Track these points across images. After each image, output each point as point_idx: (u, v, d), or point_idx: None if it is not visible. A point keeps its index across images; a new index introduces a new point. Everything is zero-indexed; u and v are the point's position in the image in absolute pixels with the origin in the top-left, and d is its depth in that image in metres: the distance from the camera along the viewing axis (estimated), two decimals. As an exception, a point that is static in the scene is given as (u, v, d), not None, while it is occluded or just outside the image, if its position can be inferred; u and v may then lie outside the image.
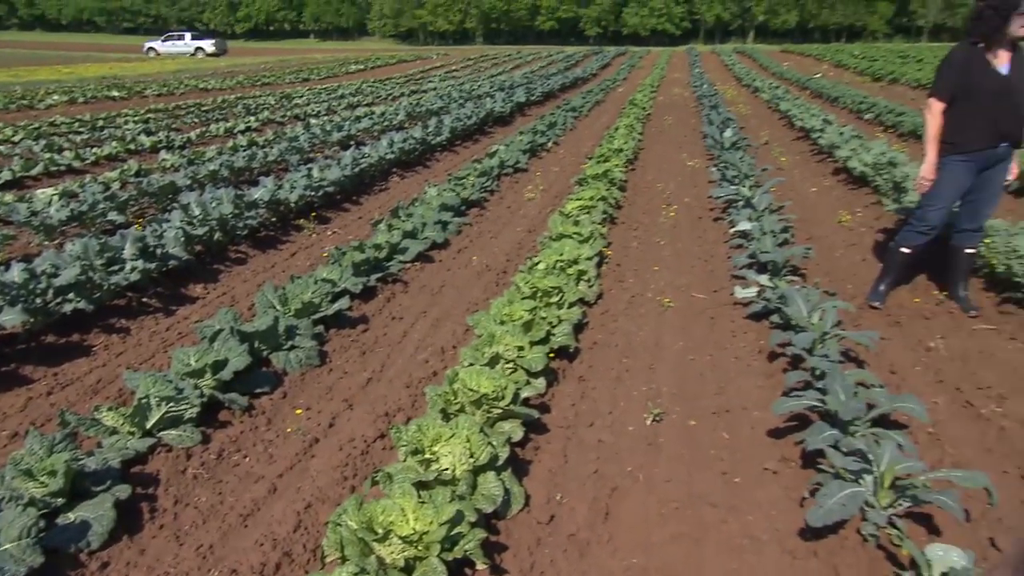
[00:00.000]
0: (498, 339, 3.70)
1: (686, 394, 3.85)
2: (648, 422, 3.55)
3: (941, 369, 4.05)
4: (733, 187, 7.48)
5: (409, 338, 4.58)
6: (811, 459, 3.07)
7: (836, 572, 2.52)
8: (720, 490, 3.02)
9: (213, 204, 6.20)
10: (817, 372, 3.49)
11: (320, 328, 4.37)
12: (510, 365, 3.60)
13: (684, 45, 65.87)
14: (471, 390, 3.05)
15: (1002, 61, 4.34)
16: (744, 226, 6.19)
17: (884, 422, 3.24)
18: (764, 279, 4.92)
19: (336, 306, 4.55)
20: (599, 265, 5.77)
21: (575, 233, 5.88)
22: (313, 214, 7.27)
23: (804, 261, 5.61)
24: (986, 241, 5.04)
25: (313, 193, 7.37)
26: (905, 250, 4.79)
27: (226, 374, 3.53)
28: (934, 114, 4.48)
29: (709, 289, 5.45)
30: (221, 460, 3.21)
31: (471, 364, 3.45)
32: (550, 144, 12.22)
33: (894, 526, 2.61)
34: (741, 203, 6.96)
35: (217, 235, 5.96)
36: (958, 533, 2.67)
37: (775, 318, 4.46)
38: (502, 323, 3.98)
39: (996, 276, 5.02)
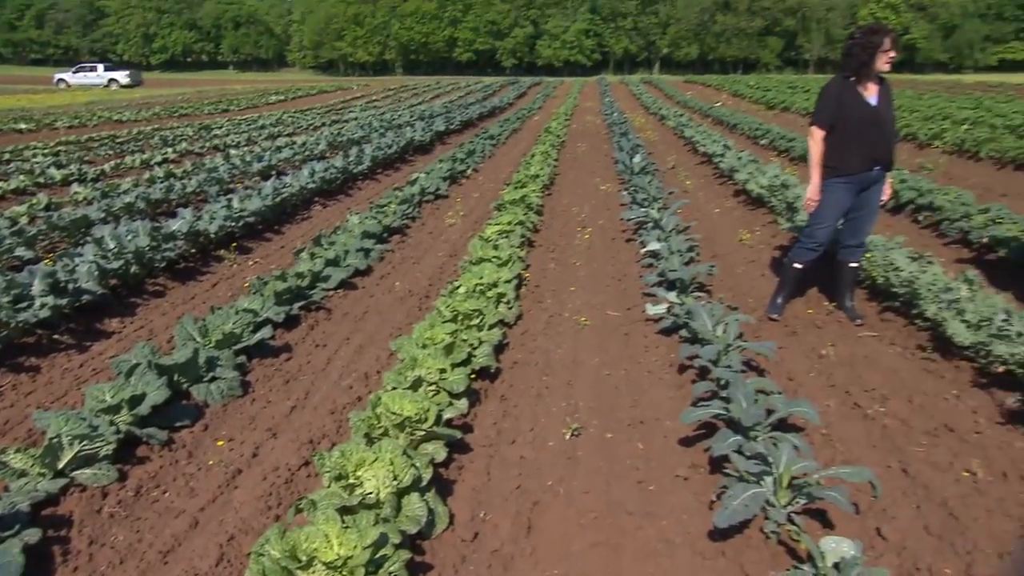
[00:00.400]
0: (420, 362, 3.71)
1: (603, 408, 3.94)
2: (567, 437, 3.61)
3: (832, 374, 4.26)
4: (643, 210, 7.70)
5: (333, 365, 4.52)
6: (718, 464, 3.19)
7: (742, 569, 2.62)
8: (636, 498, 3.10)
9: (128, 237, 5.99)
10: (722, 382, 3.62)
11: (242, 358, 4.27)
12: (433, 387, 3.60)
13: (595, 76, 67.49)
14: (394, 413, 3.04)
15: (871, 93, 4.65)
16: (654, 246, 6.38)
17: (783, 426, 3.39)
18: (673, 296, 5.08)
19: (258, 336, 4.45)
20: (518, 287, 5.83)
21: (494, 257, 5.94)
22: (234, 244, 7.10)
23: (709, 278, 5.81)
24: (867, 255, 5.34)
25: (234, 224, 7.21)
26: (797, 265, 5.04)
27: (144, 409, 3.40)
28: (816, 141, 4.75)
29: (623, 307, 5.58)
30: (139, 497, 3.09)
31: (394, 388, 3.45)
32: (469, 171, 12.31)
33: (792, 522, 2.73)
34: (651, 225, 7.17)
35: (133, 268, 5.75)
36: (849, 525, 2.82)
37: (684, 332, 4.61)
38: (424, 347, 3.99)
39: (877, 287, 5.33)
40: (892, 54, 4.56)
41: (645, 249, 6.49)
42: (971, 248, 6.73)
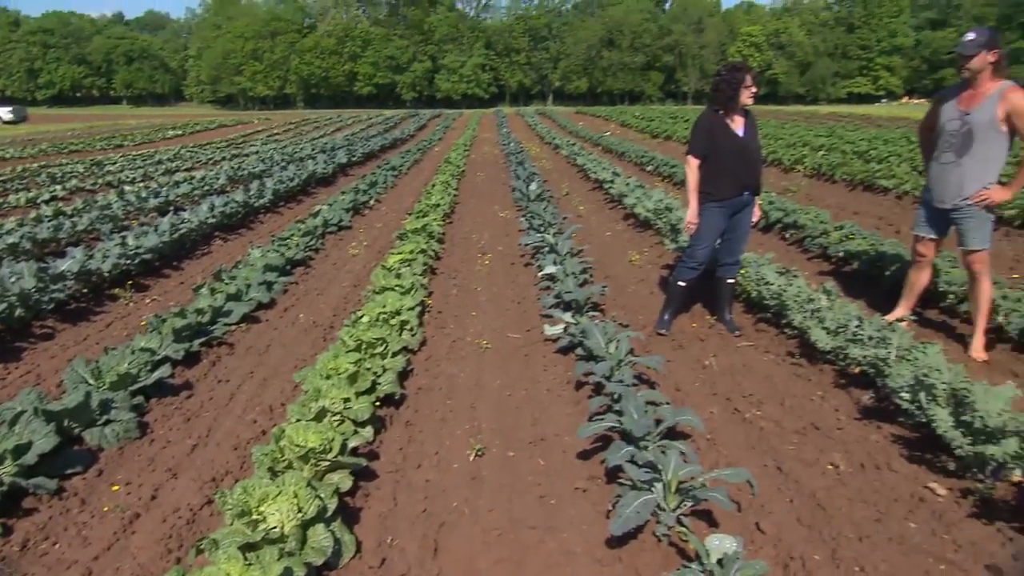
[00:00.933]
0: (324, 393, 3.64)
1: (505, 428, 3.96)
2: (471, 458, 3.61)
3: (715, 383, 4.45)
4: (539, 235, 7.83)
5: (236, 400, 4.35)
6: (614, 475, 3.27)
7: (637, 572, 2.70)
8: (538, 513, 3.13)
9: (12, 279, 5.61)
10: (615, 396, 3.72)
11: (140, 399, 4.04)
12: (337, 417, 3.53)
13: (492, 107, 68.45)
14: (298, 446, 2.97)
15: (738, 125, 4.92)
16: (550, 269, 6.50)
17: (671, 434, 3.51)
18: (569, 317, 5.18)
19: (157, 375, 4.24)
20: (421, 314, 5.81)
21: (397, 286, 5.90)
22: (130, 283, 6.73)
23: (602, 298, 5.95)
24: (742, 272, 5.62)
25: (129, 261, 6.85)
26: (681, 284, 5.25)
27: (30, 458, 3.16)
28: (692, 169, 4.99)
29: (522, 329, 5.64)
30: (26, 551, 2.86)
31: (298, 420, 3.36)
32: (372, 202, 12.20)
33: (682, 524, 2.84)
34: (547, 249, 7.30)
35: (18, 311, 5.34)
36: (732, 522, 2.95)
37: (579, 351, 4.70)
38: (328, 377, 3.91)
39: (752, 300, 5.62)
40: (754, 89, 4.86)
41: (542, 272, 6.60)
42: (830, 261, 7.19)
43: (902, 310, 5.19)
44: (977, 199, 4.51)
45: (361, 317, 5.11)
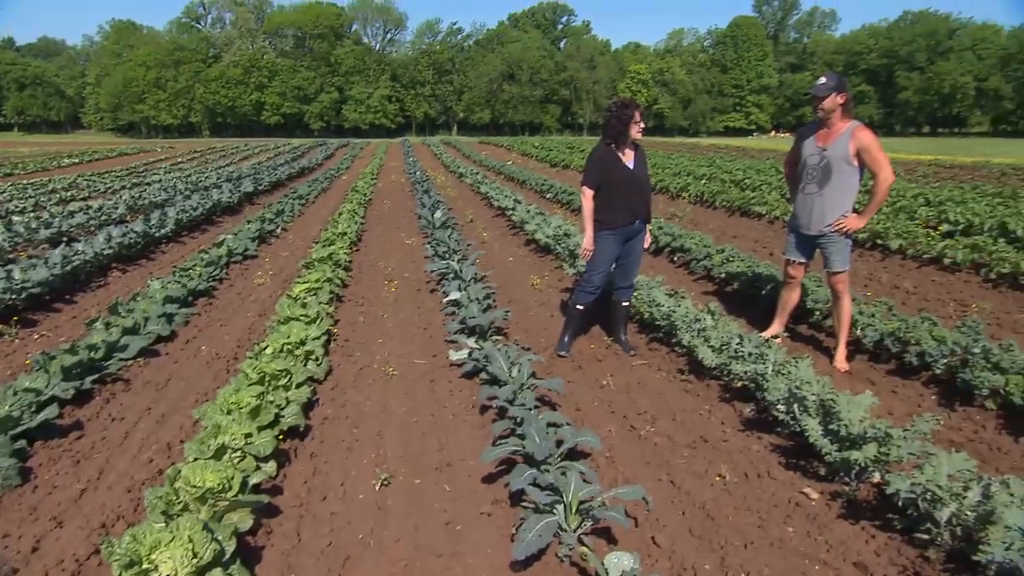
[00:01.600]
0: (225, 429, 3.42)
1: (411, 455, 3.84)
2: (377, 487, 3.47)
3: (612, 401, 4.49)
4: (444, 261, 7.76)
5: (132, 439, 4.02)
6: (518, 498, 3.21)
7: (541, 595, 2.64)
8: (444, 540, 3.03)
9: None
10: (518, 420, 3.67)
11: (22, 443, 3.64)
12: (238, 454, 3.32)
13: (399, 137, 68.04)
14: (194, 487, 2.76)
15: (628, 158, 5.04)
16: (455, 295, 6.43)
17: (572, 455, 3.50)
18: (473, 342, 5.13)
19: (42, 416, 3.86)
20: (328, 343, 5.61)
21: (302, 315, 5.68)
22: (16, 319, 6.14)
23: (505, 322, 5.93)
24: (636, 294, 5.74)
25: (15, 296, 6.26)
26: (579, 307, 5.30)
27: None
28: (587, 199, 5.06)
29: (429, 354, 5.54)
30: None
31: (196, 459, 3.13)
32: (279, 230, 11.78)
33: (583, 544, 2.81)
34: (452, 275, 7.23)
35: None
36: (630, 538, 2.95)
37: (484, 375, 4.64)
38: (229, 412, 3.68)
39: (645, 321, 5.74)
40: (642, 124, 5.00)
41: (447, 299, 6.52)
42: (714, 282, 7.47)
43: (776, 327, 5.43)
44: (837, 227, 4.80)
45: (265, 348, 4.87)
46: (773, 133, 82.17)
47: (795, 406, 3.58)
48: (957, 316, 6.09)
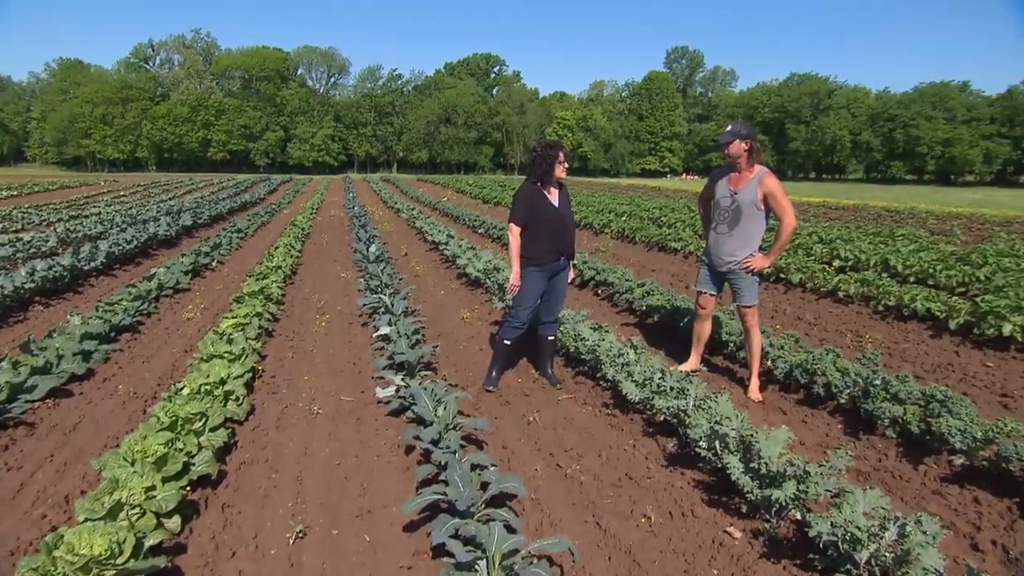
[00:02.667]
0: (124, 483, 2.94)
1: (331, 501, 3.44)
2: (292, 541, 3.05)
3: (539, 438, 4.19)
4: (376, 295, 7.34)
5: (27, 490, 3.46)
6: (440, 550, 2.86)
7: (462, 663, 2.29)
8: (360, 599, 2.64)
9: None
10: (441, 464, 3.34)
11: None
12: (136, 511, 2.85)
13: (341, 174, 66.91)
14: (77, 555, 2.30)
15: (553, 196, 4.83)
16: (385, 330, 6.03)
17: (497, 500, 3.17)
18: (400, 379, 4.74)
19: (-76, 472, 3.29)
20: (252, 380, 5.13)
21: (227, 352, 5.18)
22: (-79, 358, 5.42)
23: (434, 357, 5.59)
24: (562, 328, 5.50)
25: (-78, 334, 5.55)
26: (507, 342, 5.01)
27: None
28: (514, 236, 4.80)
29: (356, 391, 5.12)
30: None
31: (86, 519, 2.65)
32: (214, 263, 11.09)
33: (506, 603, 2.48)
34: (383, 309, 6.83)
35: None
36: (556, 594, 2.63)
37: (410, 413, 4.28)
38: (133, 462, 3.20)
39: (570, 355, 5.49)
40: (566, 164, 4.80)
41: (377, 333, 6.11)
42: (635, 315, 7.32)
43: (693, 359, 5.29)
44: (744, 265, 4.71)
45: (182, 389, 4.37)
46: (684, 175, 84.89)
47: (716, 443, 3.37)
48: (854, 346, 6.11)
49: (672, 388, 4.13)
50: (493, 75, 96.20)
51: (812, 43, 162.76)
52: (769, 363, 5.05)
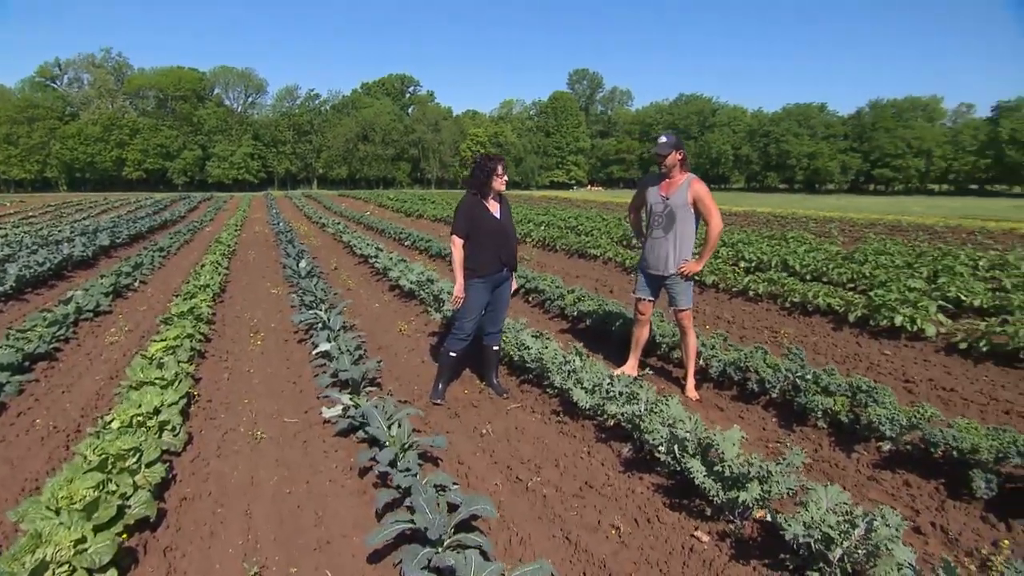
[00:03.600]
0: (48, 536, 2.45)
1: (285, 535, 3.03)
2: (246, 587, 2.65)
3: (494, 451, 3.92)
4: (312, 311, 6.84)
5: (-73, 556, 2.86)
6: (411, 581, 2.54)
7: None
8: (329, 648, 2.29)
9: None
10: (404, 488, 3.01)
11: None
12: (65, 569, 2.38)
13: (263, 191, 64.00)
14: (-7, 643, 1.84)
15: (494, 208, 4.59)
16: (324, 347, 5.58)
17: (465, 523, 2.87)
18: (347, 398, 4.34)
19: None
20: (188, 407, 4.59)
21: (158, 379, 4.60)
22: None
23: (378, 372, 5.20)
24: (504, 338, 5.25)
25: None
26: (452, 354, 4.72)
27: None
28: (457, 248, 4.53)
29: (300, 411, 4.68)
30: None
31: (3, 592, 2.17)
32: (137, 284, 10.12)
33: (491, 638, 2.20)
34: (320, 325, 6.35)
35: None
36: (540, 623, 2.38)
37: (361, 433, 3.91)
38: (58, 510, 2.69)
39: (514, 363, 5.25)
40: (505, 177, 4.58)
41: (316, 350, 5.65)
42: (567, 320, 7.18)
43: (632, 362, 5.18)
44: (679, 270, 4.64)
45: (111, 422, 3.80)
46: (589, 187, 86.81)
47: (675, 447, 3.22)
48: (772, 341, 6.21)
49: (621, 393, 3.97)
50: (408, 95, 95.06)
51: (697, 66, 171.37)
52: (703, 362, 5.00)
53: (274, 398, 4.95)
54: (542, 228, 16.17)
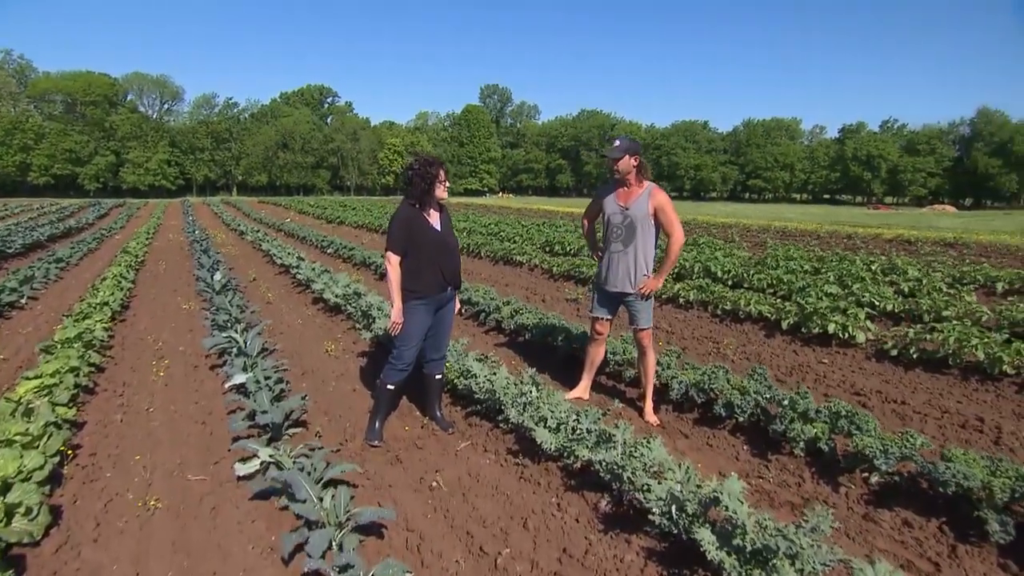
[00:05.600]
0: None
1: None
2: None
3: (448, 509, 3.06)
4: (226, 333, 5.65)
5: None
6: None
7: None
8: None
9: None
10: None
11: None
12: None
13: (180, 197, 58.87)
14: None
15: (435, 219, 3.73)
16: (239, 378, 4.47)
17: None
18: (266, 451, 3.31)
19: None
20: (61, 467, 3.41)
21: (19, 435, 3.38)
22: None
23: (303, 409, 4.18)
24: (447, 364, 4.39)
25: None
26: (390, 387, 3.81)
27: None
28: (393, 267, 3.63)
29: (209, 462, 3.61)
30: None
31: None
32: (23, 300, 8.36)
33: None
34: (235, 351, 5.20)
35: None
36: None
37: (285, 501, 2.94)
38: None
39: (457, 391, 4.39)
40: (447, 184, 3.73)
41: (230, 382, 4.52)
42: (504, 334, 6.41)
43: (584, 383, 4.49)
44: (638, 289, 3.99)
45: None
46: (500, 193, 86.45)
47: (673, 508, 2.51)
48: (716, 353, 5.71)
49: (590, 431, 3.23)
50: (326, 105, 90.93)
51: (596, 83, 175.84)
52: (659, 382, 4.37)
53: (177, 446, 3.83)
54: (465, 234, 15.31)
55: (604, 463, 2.90)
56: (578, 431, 3.26)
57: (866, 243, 14.75)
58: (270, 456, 3.23)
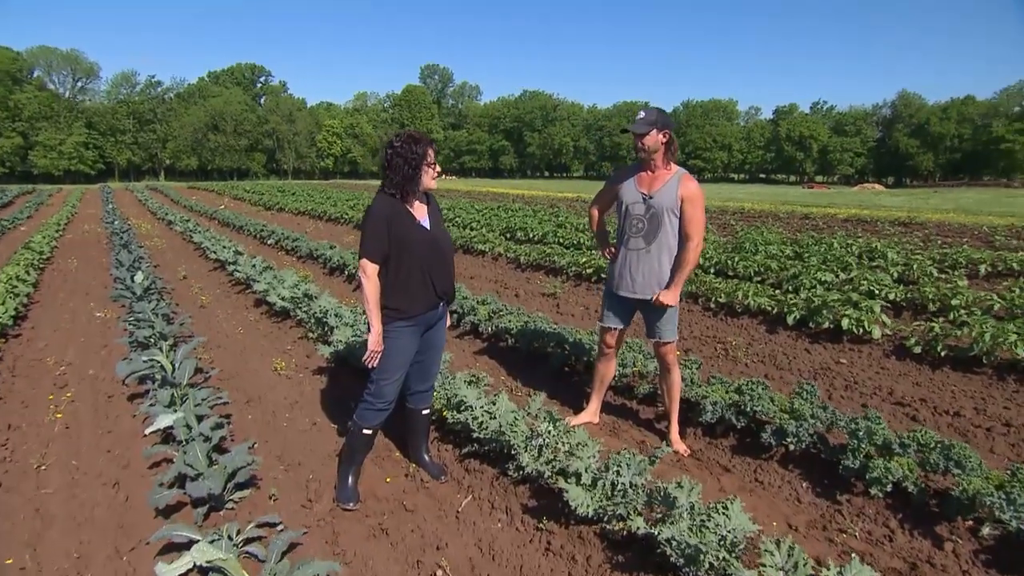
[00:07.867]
0: None
1: None
2: None
3: (462, 614, 2.25)
4: (149, 353, 4.55)
5: None
6: None
7: None
8: None
9: None
10: None
11: None
12: None
13: (100, 183, 54.14)
14: None
15: (422, 214, 2.84)
16: (165, 421, 3.43)
17: None
18: (201, 551, 2.35)
19: None
20: None
21: None
22: None
23: (252, 465, 3.21)
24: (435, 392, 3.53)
25: None
26: (367, 431, 2.93)
27: None
28: (370, 278, 2.72)
29: (121, 553, 2.63)
30: None
31: None
32: None
33: None
34: (159, 379, 4.13)
35: None
36: None
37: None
38: None
39: (448, 426, 3.53)
40: (437, 168, 2.83)
41: (152, 428, 3.47)
42: (483, 339, 5.58)
43: (594, 406, 3.76)
44: (654, 299, 3.23)
45: None
46: (444, 175, 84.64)
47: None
48: (722, 354, 5.09)
49: (637, 487, 2.48)
50: (259, 85, 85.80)
51: (538, 64, 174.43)
52: (683, 402, 3.67)
53: (76, 529, 2.82)
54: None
55: (674, 542, 2.15)
56: (619, 486, 2.50)
57: (827, 223, 14.68)
58: (204, 555, 2.28)
